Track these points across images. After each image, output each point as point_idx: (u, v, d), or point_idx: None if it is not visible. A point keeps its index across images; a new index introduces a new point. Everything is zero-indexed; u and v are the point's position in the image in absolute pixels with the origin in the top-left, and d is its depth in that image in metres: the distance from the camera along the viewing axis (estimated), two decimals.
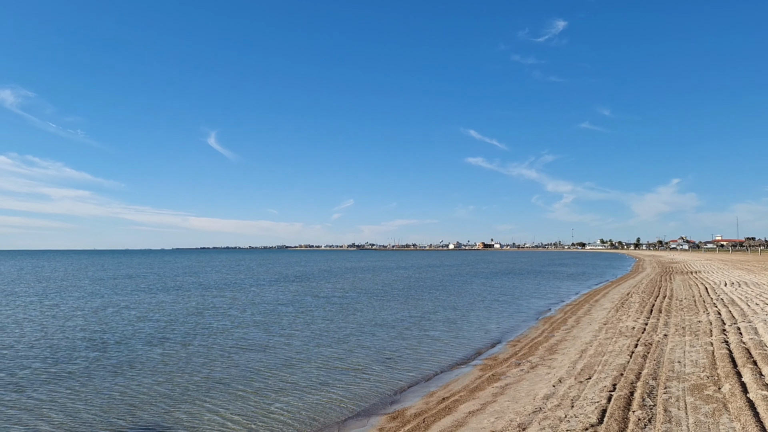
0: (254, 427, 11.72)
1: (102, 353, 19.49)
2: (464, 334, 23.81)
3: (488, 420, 10.54)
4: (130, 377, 16.07)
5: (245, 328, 25.33)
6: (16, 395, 14.08)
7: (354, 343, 21.54)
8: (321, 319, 28.59)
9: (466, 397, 13.05)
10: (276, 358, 18.77)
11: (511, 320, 28.11)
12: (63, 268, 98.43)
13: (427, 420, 11.39)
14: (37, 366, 17.47)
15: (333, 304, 35.71)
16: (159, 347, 20.68)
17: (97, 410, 12.90)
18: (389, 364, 17.70)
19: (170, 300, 38.79)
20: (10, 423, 11.98)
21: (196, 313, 31.02)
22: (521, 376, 14.62)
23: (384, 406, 13.26)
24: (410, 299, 39.61)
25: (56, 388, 14.83)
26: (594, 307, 30.61)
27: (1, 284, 54.78)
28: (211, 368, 17.19)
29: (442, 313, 31.00)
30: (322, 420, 12.23)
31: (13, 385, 15.12)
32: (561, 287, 51.11)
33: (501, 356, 18.48)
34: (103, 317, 29.02)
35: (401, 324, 26.73)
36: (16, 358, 18.55)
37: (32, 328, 25.08)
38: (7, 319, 28.29)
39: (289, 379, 15.80)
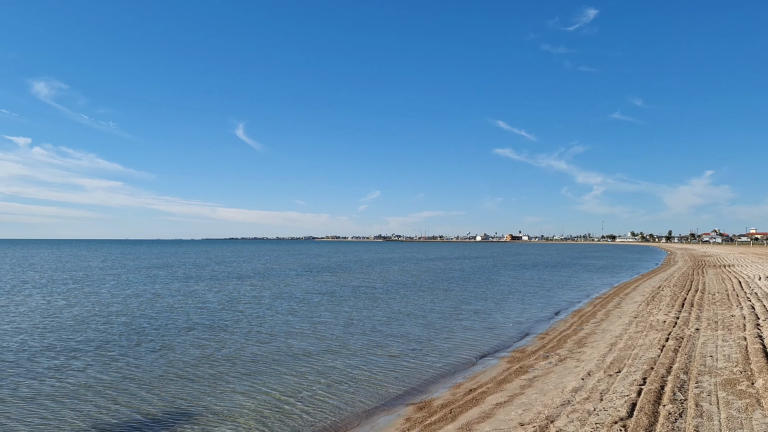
0: (282, 412, 11.89)
1: (141, 338, 19.95)
2: (492, 325, 23.74)
3: (516, 412, 10.53)
4: (169, 360, 16.50)
5: (277, 316, 25.63)
6: (62, 375, 14.49)
7: (382, 333, 21.64)
8: (349, 309, 28.79)
9: (493, 389, 13.03)
10: (305, 346, 18.97)
11: (540, 313, 27.93)
12: (100, 257, 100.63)
13: (454, 411, 11.42)
14: (81, 348, 17.97)
15: (361, 295, 35.91)
16: (196, 332, 21.12)
17: (138, 392, 13.22)
18: (416, 355, 17.76)
19: (205, 288, 39.48)
20: (59, 399, 12.35)
21: (230, 301, 31.49)
22: (549, 369, 14.54)
23: (411, 396, 13.33)
24: (438, 291, 39.61)
25: (98, 370, 15.23)
26: (624, 300, 30.23)
27: (43, 272, 56.25)
28: (244, 354, 17.49)
29: (470, 305, 30.94)
30: (349, 408, 12.34)
31: (59, 366, 15.56)
32: (590, 280, 50.56)
33: (529, 349, 18.39)
34: (142, 304, 29.66)
35: (429, 315, 26.77)
36: (60, 342, 19.07)
37: (74, 314, 25.75)
38: (50, 305, 29.05)
39: (317, 368, 15.98)
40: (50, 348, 18.55)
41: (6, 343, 19.08)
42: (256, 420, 11.54)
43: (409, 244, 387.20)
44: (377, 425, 11.23)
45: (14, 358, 16.87)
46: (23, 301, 30.99)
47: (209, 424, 11.28)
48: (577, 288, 42.46)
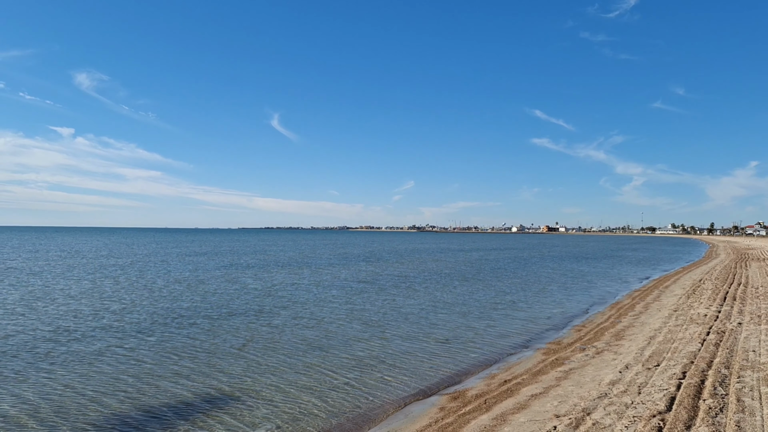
0: (316, 397, 12.05)
1: (186, 322, 20.43)
2: (527, 317, 23.57)
3: (551, 404, 10.46)
4: (213, 343, 16.91)
5: (315, 303, 25.91)
6: (111, 356, 14.95)
7: (417, 322, 21.70)
8: (385, 298, 28.92)
9: (528, 381, 12.97)
10: (341, 333, 19.16)
11: (577, 305, 27.62)
12: (143, 245, 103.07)
13: (488, 401, 11.41)
14: (128, 330, 18.52)
15: (398, 284, 36.01)
16: (238, 317, 21.57)
17: (181, 372, 13.55)
18: (451, 345, 17.76)
19: (247, 275, 40.14)
20: (107, 378, 12.76)
21: (270, 287, 31.97)
22: (586, 361, 14.40)
23: (445, 386, 13.36)
24: (473, 281, 39.47)
25: (144, 351, 15.69)
26: (664, 293, 29.66)
27: (91, 258, 57.86)
28: (283, 339, 17.77)
29: (506, 296, 30.77)
30: (383, 397, 12.43)
31: (109, 346, 16.06)
32: (629, 272, 49.71)
33: (565, 341, 18.22)
34: (186, 290, 30.34)
35: (464, 305, 26.72)
36: (110, 324, 19.64)
37: (122, 298, 26.51)
38: (99, 290, 29.89)
39: (352, 355, 16.14)
40: (102, 329, 19.18)
41: (61, 325, 19.73)
42: (291, 403, 11.72)
43: (443, 234, 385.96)
44: (411, 413, 11.30)
45: (69, 338, 17.45)
46: (74, 286, 31.97)
47: (247, 404, 11.50)
48: (616, 280, 41.81)
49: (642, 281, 40.47)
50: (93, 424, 10.50)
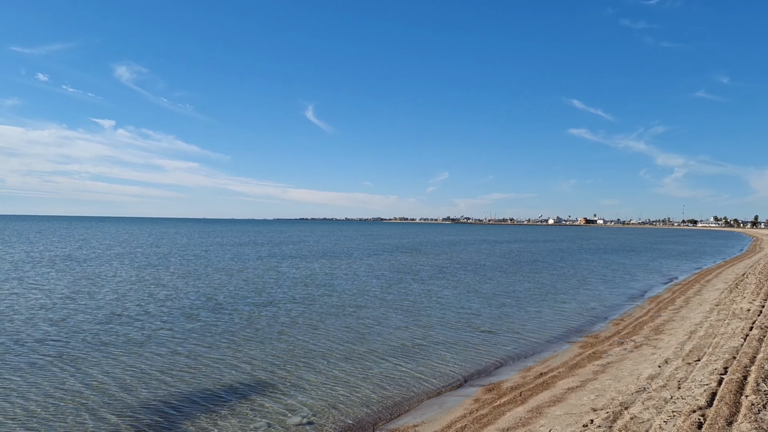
0: (354, 386, 12.16)
1: (227, 309, 20.82)
2: (564, 309, 23.33)
3: (588, 397, 10.36)
4: (254, 330, 17.23)
5: (352, 293, 26.12)
6: (152, 341, 15.38)
7: (452, 313, 21.68)
8: (421, 288, 28.95)
9: (564, 374, 12.86)
10: (377, 323, 19.27)
11: (615, 298, 27.21)
12: (185, 235, 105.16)
13: (524, 394, 11.36)
14: (170, 317, 19.01)
15: (432, 275, 36.01)
16: (278, 305, 21.93)
17: (217, 360, 13.84)
18: (486, 337, 17.70)
19: (286, 265, 40.69)
20: (152, 363, 13.12)
21: (309, 276, 32.40)
22: (624, 355, 14.19)
23: (480, 378, 13.33)
24: (510, 273, 39.21)
25: (184, 338, 16.09)
26: (705, 287, 28.99)
27: (139, 248, 59.35)
28: (320, 327, 17.98)
29: (542, 288, 30.49)
30: (418, 386, 12.47)
31: (150, 333, 16.54)
32: (669, 265, 48.68)
33: (603, 334, 17.99)
34: (228, 278, 30.95)
35: (500, 297, 26.58)
36: (153, 310, 20.18)
37: (165, 285, 27.21)
38: (144, 277, 30.69)
39: (388, 344, 16.24)
40: (148, 315, 19.79)
41: (112, 310, 20.33)
42: (327, 391, 11.86)
43: (478, 226, 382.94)
44: (445, 404, 11.32)
45: (118, 323, 17.97)
46: (122, 274, 32.86)
47: (284, 391, 11.68)
48: (656, 273, 41.03)
49: (682, 275, 39.60)
50: (137, 405, 10.82)
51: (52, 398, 11.31)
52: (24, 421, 9.97)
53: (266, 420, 10.26)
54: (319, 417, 10.49)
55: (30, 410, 10.50)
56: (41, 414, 10.33)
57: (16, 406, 10.74)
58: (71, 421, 10.05)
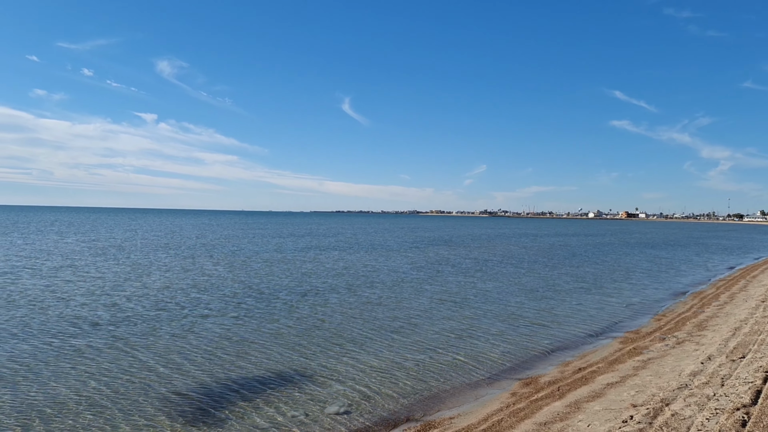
0: (391, 378, 12.22)
1: (272, 299, 21.18)
2: (605, 304, 22.97)
3: (628, 393, 10.21)
4: (295, 319, 17.45)
5: (388, 287, 26.22)
6: (194, 328, 15.78)
7: (490, 307, 21.56)
8: (458, 282, 28.86)
9: (604, 369, 12.69)
10: (414, 316, 19.28)
11: (657, 293, 26.65)
12: (227, 227, 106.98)
13: (561, 388, 11.25)
14: (214, 305, 19.46)
15: (470, 268, 35.85)
16: (320, 295, 22.15)
17: (256, 349, 14.09)
18: (524, 331, 17.57)
19: (325, 257, 41.03)
20: (195, 350, 13.47)
21: (348, 268, 32.59)
22: (666, 351, 13.92)
23: (517, 372, 13.25)
24: (550, 267, 38.76)
25: (227, 326, 16.41)
26: (751, 283, 28.16)
27: (186, 239, 60.72)
28: (356, 320, 18.11)
29: (583, 282, 30.08)
30: (455, 379, 12.47)
31: (194, 320, 16.97)
32: (714, 260, 47.44)
33: (644, 330, 17.66)
34: (272, 268, 31.41)
35: (539, 291, 26.32)
36: (198, 299, 20.69)
37: (210, 274, 27.81)
38: (196, 269, 31.40)
39: (426, 337, 16.26)
40: (193, 303, 20.21)
41: (160, 298, 20.88)
42: (363, 382, 11.95)
43: (516, 219, 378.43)
44: (482, 398, 11.29)
45: (159, 309, 18.46)
46: (171, 264, 33.68)
47: (321, 381, 11.82)
48: (699, 268, 40.04)
49: (728, 270, 38.55)
50: (180, 388, 11.12)
51: (105, 377, 11.83)
52: (79, 398, 10.35)
53: (304, 409, 10.41)
54: (355, 407, 10.59)
55: (85, 389, 10.94)
56: (95, 392, 10.73)
57: (73, 385, 11.21)
58: (121, 400, 10.40)
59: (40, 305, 19.93)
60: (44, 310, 19.07)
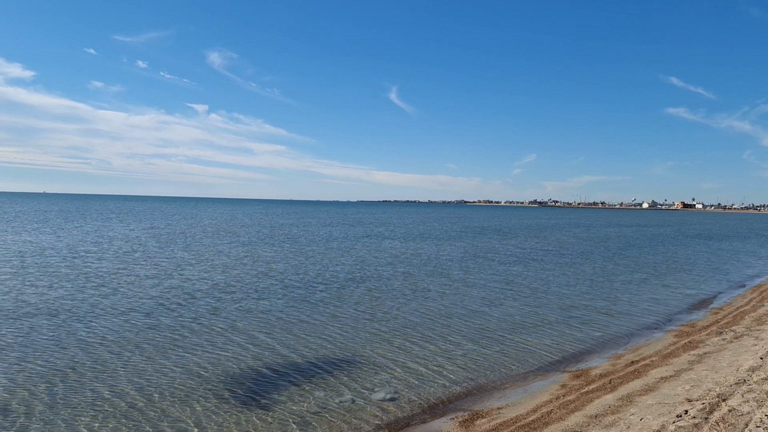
0: (437, 367, 12.23)
1: (326, 286, 21.51)
2: (660, 296, 22.39)
3: (683, 387, 9.95)
4: (335, 310, 17.63)
5: (436, 276, 26.22)
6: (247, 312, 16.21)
7: (540, 298, 21.30)
8: (508, 272, 28.57)
9: (657, 363, 12.39)
10: (462, 305, 19.23)
11: (714, 286, 25.81)
12: (280, 215, 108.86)
13: (613, 381, 11.05)
14: (271, 291, 19.89)
15: (521, 259, 35.45)
16: (362, 286, 22.34)
17: (303, 337, 14.33)
18: (575, 322, 17.29)
19: (374, 247, 41.29)
20: (245, 337, 13.83)
21: (392, 258, 32.79)
22: (722, 346, 13.49)
23: (567, 364, 13.07)
24: (604, 258, 37.99)
25: (280, 312, 16.80)
26: None
27: (243, 227, 62.12)
28: (403, 309, 18.17)
29: (637, 274, 29.39)
30: (502, 370, 12.39)
31: (248, 304, 17.44)
32: None
33: (700, 323, 17.15)
34: (331, 256, 31.90)
35: (592, 282, 25.86)
36: (255, 285, 21.22)
37: (265, 263, 28.44)
38: (248, 257, 32.17)
39: (473, 327, 16.19)
40: (248, 288, 20.70)
41: (215, 282, 21.50)
42: (410, 371, 12.00)
43: (567, 209, 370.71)
44: (531, 389, 11.19)
45: (217, 294, 19.04)
46: (231, 251, 34.57)
47: (367, 369, 11.92)
48: (760, 260, 38.61)
49: None
50: (233, 371, 11.41)
51: (162, 359, 12.25)
52: (137, 379, 10.76)
53: (351, 394, 10.54)
54: (401, 394, 10.65)
55: (143, 369, 11.38)
56: (154, 373, 11.15)
57: (131, 364, 11.66)
58: (176, 380, 10.77)
59: (110, 287, 21.16)
60: (115, 291, 20.50)
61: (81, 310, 17.14)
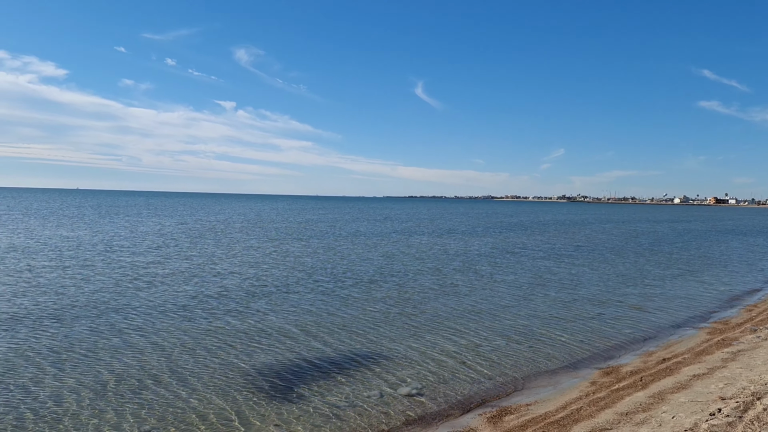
0: (465, 363, 12.21)
1: (344, 285, 21.68)
2: (692, 293, 22.03)
3: (716, 385, 9.80)
4: (364, 305, 17.72)
5: (464, 272, 26.16)
6: (282, 305, 16.44)
7: (569, 293, 21.12)
8: (536, 267, 28.39)
9: (690, 360, 12.21)
10: (489, 301, 19.17)
11: (748, 283, 25.29)
12: (308, 211, 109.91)
13: (644, 379, 10.93)
14: (295, 287, 20.12)
15: (549, 254, 35.17)
16: (389, 281, 22.41)
17: (332, 331, 14.45)
18: (605, 318, 17.12)
19: (403, 242, 41.42)
20: (277, 329, 14.03)
21: (420, 254, 32.82)
22: (757, 344, 13.23)
23: (597, 361, 12.94)
24: (636, 254, 37.53)
25: (304, 310, 16.98)
26: None
27: (274, 223, 62.85)
28: (431, 304, 18.18)
29: (669, 270, 28.96)
30: (531, 366, 12.32)
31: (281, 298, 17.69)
32: None
33: (734, 321, 16.84)
34: (347, 253, 32.21)
35: (623, 278, 25.55)
36: (290, 279, 21.49)
37: (294, 258, 28.74)
38: (278, 252, 32.53)
39: (501, 323, 16.15)
40: (278, 282, 20.98)
41: (245, 276, 21.85)
42: (437, 366, 12.01)
43: (596, 205, 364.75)
44: (560, 385, 11.12)
45: (247, 288, 19.35)
46: (257, 245, 35.03)
47: (394, 363, 11.95)
48: None
49: None
50: (261, 364, 11.57)
51: (194, 349, 12.56)
52: (168, 368, 11.01)
53: (379, 389, 10.59)
54: (429, 389, 10.68)
55: (176, 359, 11.62)
56: (184, 363, 11.38)
57: (164, 353, 11.92)
58: (206, 371, 10.97)
59: (145, 280, 21.85)
60: (149, 284, 21.15)
61: (118, 303, 17.66)
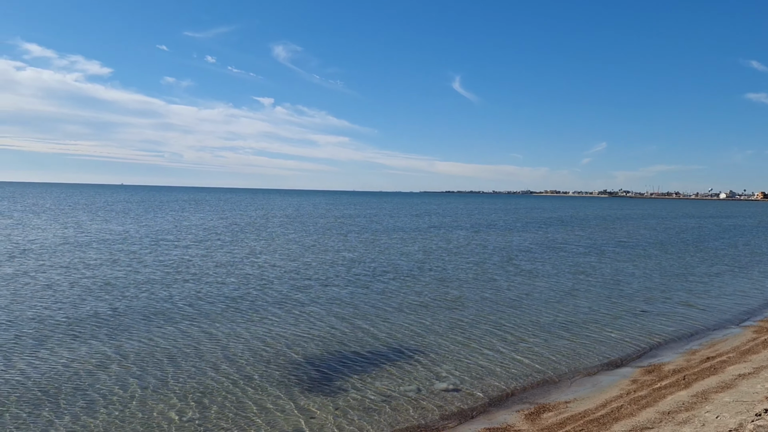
0: (503, 359, 12.15)
1: (383, 280, 21.78)
2: (738, 290, 21.46)
3: (762, 385, 9.55)
4: (404, 301, 17.76)
5: (503, 267, 26.01)
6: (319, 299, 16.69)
7: (610, 290, 20.80)
8: (577, 263, 28.06)
9: (735, 359, 11.92)
10: (529, 297, 19.03)
11: None
12: (348, 206, 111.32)
13: (687, 377, 10.71)
14: (333, 281, 20.36)
15: (589, 250, 34.73)
16: (426, 276, 22.40)
17: (370, 326, 14.55)
18: (647, 316, 16.80)
19: (443, 237, 41.39)
20: (316, 323, 14.23)
21: (456, 248, 32.75)
22: None
23: (638, 359, 12.73)
24: (681, 250, 36.76)
25: (343, 303, 17.15)
26: None
27: (314, 218, 63.62)
28: (468, 300, 18.13)
29: (715, 267, 28.26)
30: (570, 363, 12.17)
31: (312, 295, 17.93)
32: None
33: None
34: (387, 248, 32.47)
35: (664, 275, 25.02)
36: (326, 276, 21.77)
37: (335, 252, 29.07)
38: (317, 247, 32.93)
39: (540, 319, 16.02)
40: (319, 276, 21.27)
41: (286, 269, 22.20)
42: (475, 362, 11.99)
43: (639, 200, 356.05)
44: (600, 383, 10.98)
45: (287, 282, 19.72)
46: (298, 239, 35.50)
47: (432, 359, 11.98)
48: None
49: None
50: (301, 357, 11.75)
51: (234, 341, 12.88)
52: (207, 359, 11.29)
53: (416, 384, 10.64)
54: (465, 385, 10.67)
55: (215, 350, 11.90)
56: (225, 355, 11.64)
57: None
58: (246, 363, 11.21)
59: (190, 272, 22.73)
60: (195, 276, 22.08)
61: (164, 293, 18.35)
